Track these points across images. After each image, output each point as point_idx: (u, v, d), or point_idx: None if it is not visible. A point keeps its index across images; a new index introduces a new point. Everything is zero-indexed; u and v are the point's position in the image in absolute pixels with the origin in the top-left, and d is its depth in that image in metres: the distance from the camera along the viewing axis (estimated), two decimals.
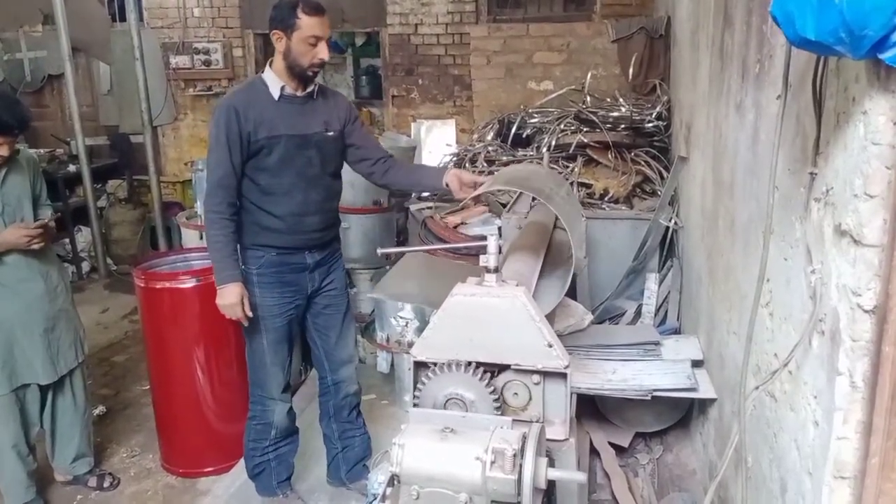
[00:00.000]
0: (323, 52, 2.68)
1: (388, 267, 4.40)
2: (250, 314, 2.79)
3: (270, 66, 2.77)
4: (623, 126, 4.73)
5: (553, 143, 4.77)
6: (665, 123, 4.73)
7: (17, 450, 3.18)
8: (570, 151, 4.72)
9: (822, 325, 1.60)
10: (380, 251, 2.95)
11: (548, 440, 2.10)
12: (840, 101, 1.50)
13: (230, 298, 2.74)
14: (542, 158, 4.52)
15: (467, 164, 5.04)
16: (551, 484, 2.00)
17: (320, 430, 3.33)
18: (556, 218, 2.97)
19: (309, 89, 2.82)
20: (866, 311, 1.40)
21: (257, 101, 2.72)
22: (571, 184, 4.44)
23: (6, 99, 2.95)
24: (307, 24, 2.62)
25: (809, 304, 1.67)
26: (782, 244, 1.94)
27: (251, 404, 3.10)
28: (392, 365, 4.28)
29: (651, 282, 4.16)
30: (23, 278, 3.11)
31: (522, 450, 1.81)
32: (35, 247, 3.05)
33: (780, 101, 1.75)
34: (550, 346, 2.08)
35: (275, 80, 2.75)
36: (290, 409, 3.12)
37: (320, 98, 2.87)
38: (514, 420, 1.96)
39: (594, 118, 4.77)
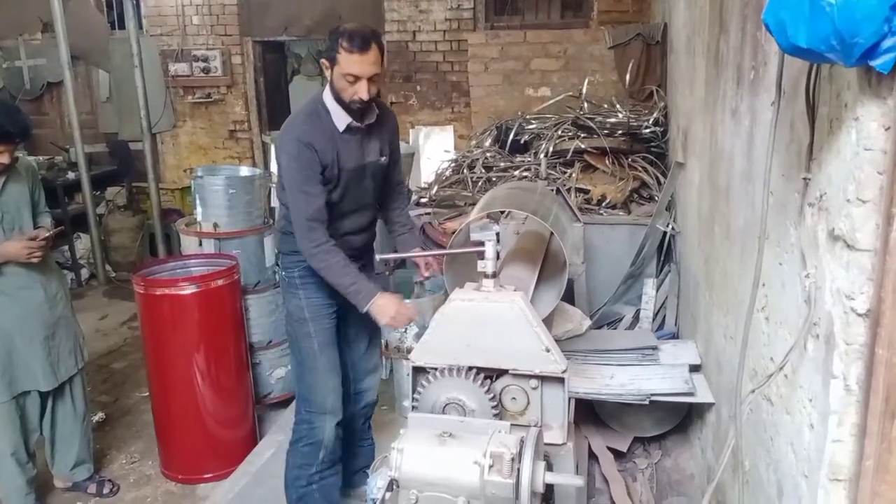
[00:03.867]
0: (362, 91, 2.49)
1: (387, 273, 4.41)
2: (415, 316, 2.63)
3: (328, 88, 2.60)
4: (620, 132, 4.76)
5: (550, 149, 4.79)
6: (662, 129, 4.75)
7: (16, 457, 3.18)
8: (568, 157, 4.74)
9: (817, 328, 1.62)
10: (378, 257, 2.96)
11: (546, 444, 2.11)
12: (833, 107, 1.52)
13: (390, 307, 2.56)
14: (539, 164, 4.55)
15: (465, 170, 5.06)
16: (550, 488, 2.01)
17: None
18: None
19: (370, 120, 2.67)
20: (860, 315, 1.42)
21: (324, 132, 2.57)
22: (569, 190, 4.46)
23: (7, 107, 2.96)
24: (345, 60, 2.45)
25: (804, 309, 1.69)
26: (777, 249, 1.96)
27: (296, 425, 2.90)
28: (391, 371, 4.29)
29: (649, 287, 4.17)
30: (22, 286, 3.12)
31: (520, 454, 1.82)
32: (34, 260, 3.07)
33: (774, 107, 1.77)
34: (548, 350, 2.10)
35: (339, 111, 2.59)
36: (338, 424, 2.88)
37: (377, 121, 2.73)
38: (512, 424, 1.97)
39: (591, 124, 4.79)
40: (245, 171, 4.94)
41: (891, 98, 1.29)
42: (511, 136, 5.21)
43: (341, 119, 2.59)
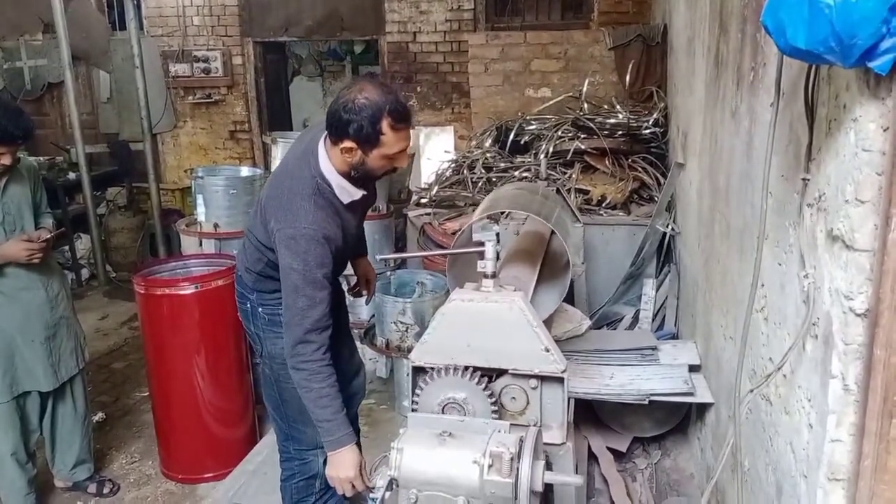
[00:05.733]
0: (402, 161, 2.27)
1: (388, 273, 4.42)
2: (371, 484, 2.23)
3: (328, 156, 2.27)
4: (620, 133, 4.76)
5: (551, 149, 4.80)
6: (662, 130, 4.76)
7: (16, 457, 3.19)
8: (568, 158, 4.75)
9: (816, 328, 1.62)
10: (378, 258, 2.97)
11: (545, 444, 2.12)
12: (831, 108, 1.52)
13: (349, 469, 2.25)
14: (539, 165, 4.55)
15: (466, 171, 5.06)
16: (549, 488, 2.02)
17: None
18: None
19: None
20: (858, 315, 1.42)
21: (331, 214, 2.28)
22: (569, 190, 4.46)
23: (9, 108, 2.96)
24: (392, 139, 2.14)
25: (803, 309, 1.69)
26: (776, 249, 1.96)
27: (284, 463, 2.75)
28: (391, 370, 4.30)
29: (648, 287, 4.18)
30: (23, 287, 3.13)
31: (520, 453, 1.83)
32: (35, 261, 3.07)
33: (774, 108, 1.78)
34: (548, 350, 2.10)
35: (342, 186, 2.29)
36: None
37: None
38: (511, 424, 1.98)
39: (592, 125, 4.80)
40: (245, 171, 4.96)
41: (889, 99, 1.30)
42: (511, 137, 5.22)
43: (346, 194, 2.31)
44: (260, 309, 2.55)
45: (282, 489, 2.81)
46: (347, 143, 2.16)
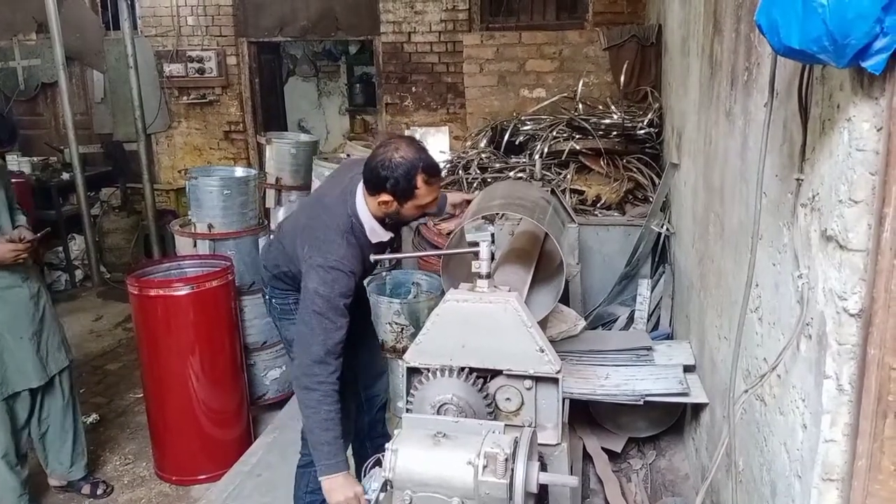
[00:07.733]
0: (432, 208, 2.48)
1: (384, 273, 4.41)
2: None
3: (365, 202, 2.44)
4: (615, 133, 4.76)
5: (545, 150, 4.80)
6: (657, 130, 4.76)
7: (6, 459, 3.18)
8: (563, 158, 4.75)
9: (810, 329, 1.62)
10: (373, 258, 2.96)
11: (540, 445, 2.12)
12: (825, 108, 1.52)
13: (354, 485, 2.28)
14: (534, 165, 4.55)
15: (461, 171, 5.06)
16: (544, 488, 2.01)
17: None
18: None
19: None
20: (852, 315, 1.42)
21: (359, 251, 2.45)
22: (564, 191, 4.46)
23: None
24: (426, 192, 2.34)
25: (797, 309, 1.69)
26: (770, 249, 1.96)
27: (305, 449, 2.78)
28: (386, 371, 4.28)
29: (643, 287, 4.17)
30: (8, 286, 3.13)
31: (514, 454, 1.83)
32: (20, 261, 3.08)
33: (767, 108, 1.78)
34: (542, 351, 2.10)
35: (374, 229, 2.47)
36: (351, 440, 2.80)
37: None
38: (506, 425, 1.97)
39: (586, 125, 4.80)
40: (240, 171, 4.93)
41: (882, 99, 1.30)
42: (506, 138, 5.21)
43: (377, 234, 2.50)
44: (273, 300, 2.75)
45: (297, 475, 2.84)
46: (385, 197, 2.35)
